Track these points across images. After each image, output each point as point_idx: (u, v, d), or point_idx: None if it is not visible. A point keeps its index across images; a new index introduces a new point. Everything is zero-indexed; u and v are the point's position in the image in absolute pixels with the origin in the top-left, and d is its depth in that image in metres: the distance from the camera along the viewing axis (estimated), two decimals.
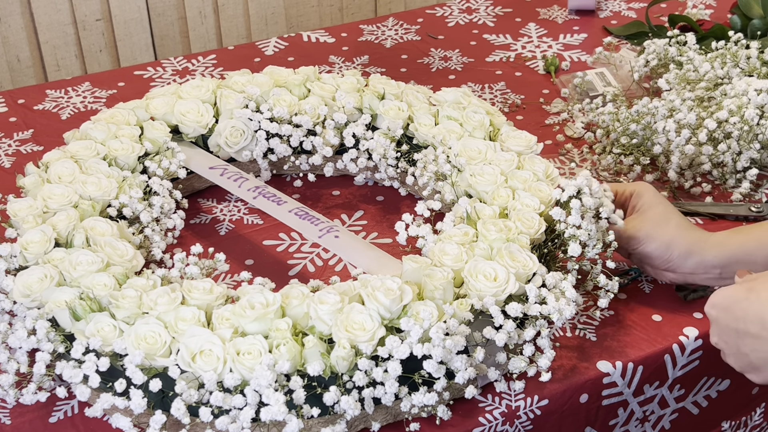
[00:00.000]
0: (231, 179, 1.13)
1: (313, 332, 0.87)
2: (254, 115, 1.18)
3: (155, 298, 0.89)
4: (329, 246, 1.03)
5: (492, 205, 1.01)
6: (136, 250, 1.00)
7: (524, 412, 0.92)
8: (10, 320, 0.94)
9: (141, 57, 2.11)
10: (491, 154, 1.09)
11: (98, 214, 1.04)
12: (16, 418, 0.90)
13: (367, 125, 1.18)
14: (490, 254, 0.94)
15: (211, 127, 1.19)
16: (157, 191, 1.10)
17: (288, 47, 1.60)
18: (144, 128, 1.17)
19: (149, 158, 1.14)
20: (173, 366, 0.84)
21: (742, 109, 1.20)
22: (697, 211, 1.16)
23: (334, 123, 1.17)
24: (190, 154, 1.17)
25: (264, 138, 1.17)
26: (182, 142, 1.19)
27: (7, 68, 2.00)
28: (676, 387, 1.01)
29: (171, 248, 1.10)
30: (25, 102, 1.44)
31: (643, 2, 1.73)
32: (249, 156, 1.18)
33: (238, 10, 2.17)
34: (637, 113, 1.25)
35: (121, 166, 1.12)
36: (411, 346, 0.84)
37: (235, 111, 1.18)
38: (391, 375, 0.84)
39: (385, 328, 0.86)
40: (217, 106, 1.20)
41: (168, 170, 1.13)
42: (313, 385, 0.84)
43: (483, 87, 1.46)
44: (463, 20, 1.69)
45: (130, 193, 1.07)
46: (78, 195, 1.05)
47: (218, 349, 0.85)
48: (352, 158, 1.17)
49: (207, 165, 1.16)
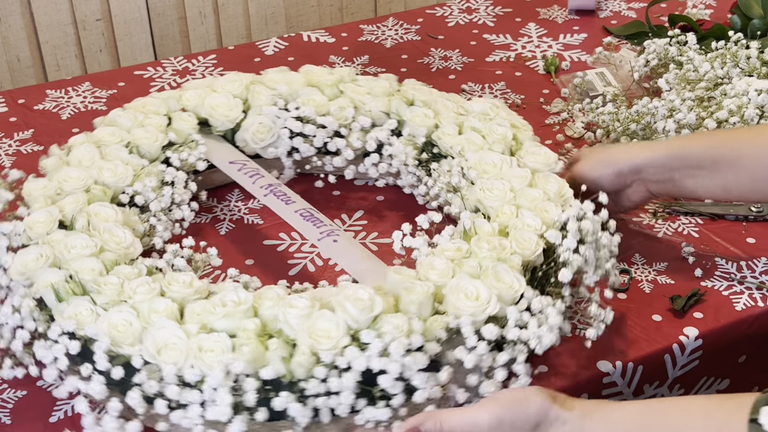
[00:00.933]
0: (247, 175, 1.13)
1: (281, 335, 0.86)
2: (281, 113, 1.17)
3: (135, 287, 0.90)
4: (326, 249, 1.03)
5: (494, 222, 0.99)
6: (135, 237, 1.01)
7: None
8: (7, 294, 0.96)
9: (141, 57, 2.11)
10: (506, 169, 1.06)
11: (110, 201, 1.06)
12: (16, 418, 0.90)
13: (393, 131, 1.16)
14: (478, 272, 0.92)
15: (239, 122, 1.19)
16: (172, 182, 1.11)
17: (288, 47, 1.60)
18: (172, 119, 1.19)
19: (172, 149, 1.15)
20: (137, 356, 0.85)
21: (742, 109, 1.20)
22: (698, 211, 1.17)
23: (360, 126, 1.16)
24: (215, 147, 1.18)
25: (287, 136, 1.16)
26: (210, 135, 1.20)
27: (7, 68, 2.00)
28: (676, 387, 1.01)
29: (178, 239, 1.09)
30: (25, 102, 1.44)
31: (643, 2, 1.73)
32: (274, 153, 1.18)
33: (238, 10, 2.17)
34: (637, 113, 1.26)
35: (142, 155, 1.13)
36: (369, 359, 0.82)
37: (264, 108, 1.18)
38: (346, 385, 0.82)
39: (351, 338, 0.84)
40: (248, 101, 1.20)
41: (187, 162, 1.14)
42: (267, 388, 0.82)
43: (483, 87, 1.46)
44: (463, 20, 1.69)
45: (144, 182, 1.08)
46: (93, 180, 1.07)
47: (182, 344, 0.85)
48: (374, 162, 1.15)
49: (228, 159, 1.17)
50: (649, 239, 1.14)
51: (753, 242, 1.13)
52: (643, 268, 1.09)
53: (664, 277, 1.08)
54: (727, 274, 1.08)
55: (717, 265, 1.10)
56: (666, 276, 1.08)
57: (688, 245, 1.12)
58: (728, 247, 1.12)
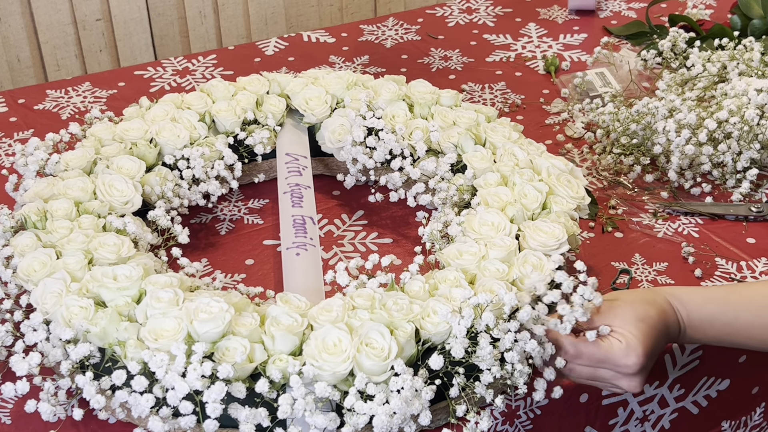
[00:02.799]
0: (287, 168, 1.15)
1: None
2: (357, 119, 1.15)
3: (75, 237, 0.97)
4: (285, 259, 1.04)
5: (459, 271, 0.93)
6: (137, 194, 1.05)
7: (524, 412, 0.92)
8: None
9: (141, 57, 2.11)
10: (498, 238, 0.97)
11: (155, 160, 1.12)
12: (16, 418, 0.90)
13: (452, 165, 1.12)
14: (353, 326, 0.86)
15: (325, 118, 1.20)
16: (221, 156, 1.14)
17: (288, 47, 1.60)
18: (264, 100, 1.23)
19: (247, 130, 1.19)
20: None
21: (742, 109, 1.20)
22: (698, 211, 1.17)
23: (417, 152, 1.13)
24: (289, 136, 1.20)
25: (349, 144, 1.14)
26: (298, 125, 1.22)
27: (7, 68, 2.00)
28: (676, 387, 1.01)
29: (199, 210, 1.17)
30: (25, 102, 1.44)
31: (643, 2, 1.73)
32: (344, 157, 1.17)
33: (238, 10, 2.17)
34: (637, 113, 1.26)
35: (216, 127, 1.18)
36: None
37: (347, 110, 1.18)
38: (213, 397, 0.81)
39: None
40: (344, 101, 1.21)
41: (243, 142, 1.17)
42: None
43: (483, 87, 1.46)
44: (463, 20, 1.69)
45: (192, 150, 1.12)
46: (150, 135, 1.14)
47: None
48: (418, 192, 1.11)
49: (287, 150, 1.18)
50: (649, 239, 1.14)
51: (753, 242, 1.13)
52: (643, 268, 1.09)
53: (664, 277, 1.08)
54: (727, 274, 1.08)
55: (717, 265, 1.10)
56: (666, 276, 1.08)
57: (688, 245, 1.12)
58: (728, 247, 1.12)
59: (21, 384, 0.85)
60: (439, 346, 0.86)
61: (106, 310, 0.87)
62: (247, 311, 0.88)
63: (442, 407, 0.87)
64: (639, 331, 0.85)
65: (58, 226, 0.99)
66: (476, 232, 0.98)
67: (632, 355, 0.84)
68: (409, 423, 0.83)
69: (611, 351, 0.85)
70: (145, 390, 0.82)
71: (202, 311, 0.85)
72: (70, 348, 0.85)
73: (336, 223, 1.17)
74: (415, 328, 0.86)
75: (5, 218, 1.01)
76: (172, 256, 1.02)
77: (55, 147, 1.16)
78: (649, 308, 0.88)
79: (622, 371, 0.86)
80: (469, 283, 0.92)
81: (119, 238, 0.97)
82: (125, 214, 1.03)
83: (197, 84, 1.47)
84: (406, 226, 1.16)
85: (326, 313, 0.88)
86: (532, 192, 1.03)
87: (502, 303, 0.86)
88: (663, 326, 0.88)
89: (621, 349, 0.85)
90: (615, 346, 0.85)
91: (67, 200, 1.02)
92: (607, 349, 0.85)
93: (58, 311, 0.88)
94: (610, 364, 0.86)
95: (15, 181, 1.12)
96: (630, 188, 1.22)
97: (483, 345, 0.83)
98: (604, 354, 0.85)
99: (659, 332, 0.87)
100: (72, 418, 0.87)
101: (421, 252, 1.01)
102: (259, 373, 0.83)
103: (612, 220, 1.17)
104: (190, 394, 0.81)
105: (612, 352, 0.85)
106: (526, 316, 0.85)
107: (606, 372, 0.87)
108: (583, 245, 1.12)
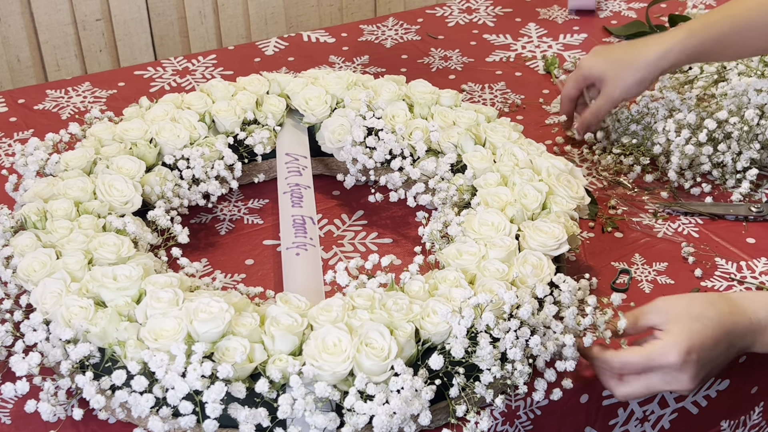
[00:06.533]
0: (287, 168, 1.15)
1: None
2: (357, 119, 1.15)
3: (75, 237, 0.97)
4: (285, 259, 1.03)
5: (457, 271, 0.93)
6: (136, 194, 1.05)
7: (524, 412, 0.92)
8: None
9: (141, 57, 2.11)
10: (498, 238, 0.97)
11: (155, 160, 1.12)
12: (16, 418, 0.90)
13: (452, 165, 1.12)
14: (355, 325, 0.86)
15: (324, 118, 1.20)
16: (221, 156, 1.14)
17: (288, 47, 1.60)
18: (264, 100, 1.22)
19: (247, 130, 1.19)
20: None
21: (742, 109, 1.20)
22: (698, 211, 1.17)
23: (420, 154, 1.13)
24: (289, 136, 1.20)
25: (349, 144, 1.15)
26: (298, 125, 1.22)
27: (7, 68, 2.00)
28: None
29: (199, 210, 1.16)
30: (25, 102, 1.44)
31: (643, 2, 1.73)
32: (344, 157, 1.16)
33: (237, 10, 2.17)
34: (637, 113, 1.26)
35: (216, 127, 1.18)
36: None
37: (347, 110, 1.18)
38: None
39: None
40: (343, 101, 1.20)
41: (243, 142, 1.17)
42: None
43: (483, 87, 1.46)
44: (463, 20, 1.69)
45: (192, 150, 1.12)
46: (150, 135, 1.13)
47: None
48: (418, 192, 1.11)
49: (287, 150, 1.18)
50: (649, 239, 1.14)
51: (753, 242, 1.13)
52: (643, 268, 1.09)
53: (664, 277, 1.08)
54: (727, 274, 1.08)
55: (717, 265, 1.10)
56: (666, 276, 1.08)
57: (688, 245, 1.12)
58: (728, 247, 1.12)
59: (21, 384, 0.85)
60: (439, 346, 0.86)
61: (106, 310, 0.87)
62: (247, 311, 0.88)
63: (442, 407, 0.87)
64: (685, 327, 0.84)
65: (58, 226, 0.99)
66: (476, 232, 0.98)
67: (673, 351, 0.83)
68: (409, 423, 0.83)
69: (652, 351, 0.85)
70: (145, 390, 0.82)
71: (202, 311, 0.85)
72: (70, 348, 0.85)
73: (336, 223, 1.17)
74: (415, 328, 0.86)
75: (5, 218, 1.02)
76: (172, 256, 1.02)
77: (55, 147, 1.16)
78: (708, 309, 0.86)
79: (668, 372, 0.85)
80: (469, 283, 0.92)
81: (119, 238, 0.97)
82: (125, 214, 1.03)
83: (197, 84, 1.47)
84: (406, 226, 1.16)
85: (326, 313, 0.88)
86: (532, 192, 1.03)
87: (502, 302, 0.86)
88: (721, 328, 0.86)
89: (661, 347, 0.84)
90: (656, 345, 0.85)
91: (67, 200, 1.02)
92: (648, 351, 0.85)
93: (58, 311, 0.88)
94: (655, 365, 0.85)
95: (15, 181, 1.12)
96: (630, 188, 1.22)
97: (483, 345, 0.83)
98: (646, 356, 0.85)
99: (717, 333, 0.85)
100: (72, 418, 0.87)
101: (421, 252, 1.01)
102: (259, 373, 0.83)
103: (612, 220, 1.17)
104: (190, 394, 0.81)
105: (653, 351, 0.84)
106: (527, 314, 0.85)
107: (656, 378, 0.86)
108: (583, 245, 1.12)
